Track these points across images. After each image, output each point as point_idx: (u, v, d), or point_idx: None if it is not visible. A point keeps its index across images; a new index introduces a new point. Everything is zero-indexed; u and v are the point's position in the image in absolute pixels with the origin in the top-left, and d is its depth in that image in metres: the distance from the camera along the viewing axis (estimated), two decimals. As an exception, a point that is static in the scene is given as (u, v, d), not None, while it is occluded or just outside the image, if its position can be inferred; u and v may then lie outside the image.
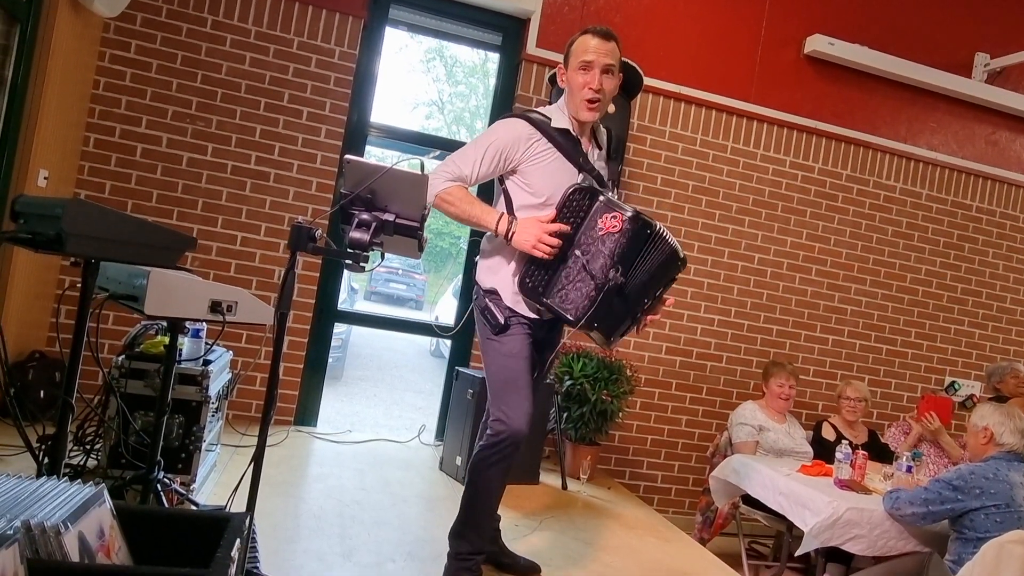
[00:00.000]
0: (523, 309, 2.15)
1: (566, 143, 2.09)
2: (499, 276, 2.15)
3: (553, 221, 1.99)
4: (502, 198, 2.16)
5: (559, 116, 2.12)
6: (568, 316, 1.99)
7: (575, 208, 2.00)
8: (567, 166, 2.09)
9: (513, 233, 2.00)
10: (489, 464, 2.08)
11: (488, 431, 2.10)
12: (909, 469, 3.06)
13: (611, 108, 2.20)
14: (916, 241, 4.66)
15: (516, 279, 2.08)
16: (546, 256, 1.97)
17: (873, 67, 4.39)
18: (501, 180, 2.15)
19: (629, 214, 1.95)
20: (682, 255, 2.08)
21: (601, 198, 1.99)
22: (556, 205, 2.02)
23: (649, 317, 2.13)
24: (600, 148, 2.23)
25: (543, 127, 2.08)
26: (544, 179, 2.08)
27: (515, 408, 2.05)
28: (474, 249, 3.10)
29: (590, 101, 2.05)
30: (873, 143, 4.54)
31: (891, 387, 4.65)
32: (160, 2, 3.49)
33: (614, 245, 1.94)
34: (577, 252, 1.98)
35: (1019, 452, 2.66)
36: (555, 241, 1.96)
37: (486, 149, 2.05)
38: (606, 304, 1.98)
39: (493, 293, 2.16)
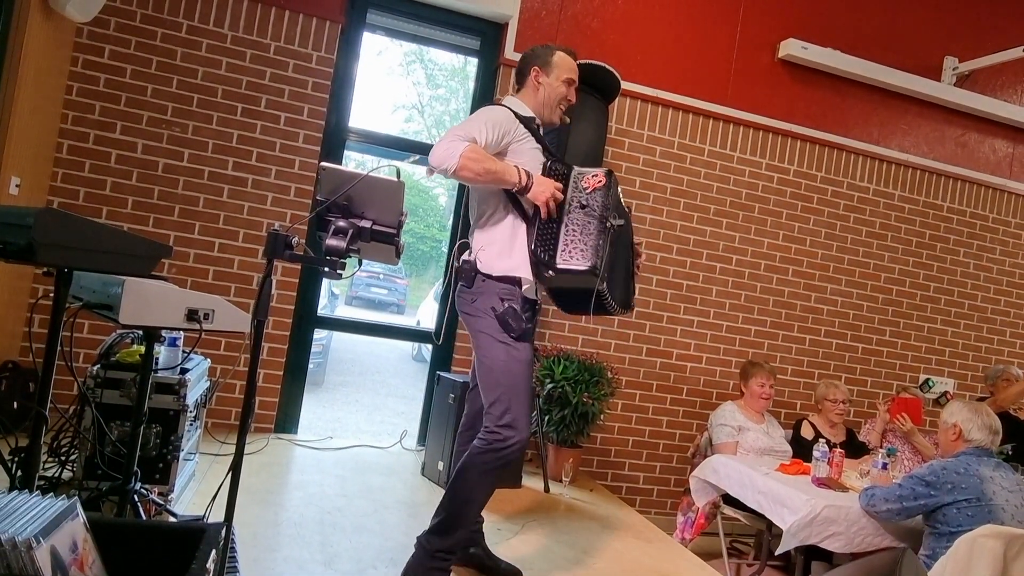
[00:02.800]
0: (531, 290, 2.20)
1: (533, 130, 2.26)
2: (512, 258, 2.15)
3: None
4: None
5: (522, 108, 2.29)
6: (582, 268, 2.02)
7: (555, 177, 2.16)
8: (539, 148, 2.25)
9: (531, 184, 2.08)
10: (489, 468, 2.08)
11: (493, 435, 2.06)
12: (884, 466, 3.10)
13: (566, 120, 2.43)
14: (889, 241, 4.75)
15: (529, 254, 2.12)
16: (552, 210, 2.07)
17: (846, 71, 4.46)
18: None
19: (606, 171, 2.15)
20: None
21: (575, 167, 2.21)
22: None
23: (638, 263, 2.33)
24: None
25: (520, 116, 2.23)
26: (529, 158, 2.20)
27: (523, 416, 2.08)
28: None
29: (563, 110, 2.33)
30: (846, 145, 4.61)
31: (867, 385, 4.72)
32: (134, 7, 3.46)
33: (604, 197, 2.09)
34: (575, 206, 2.11)
35: (988, 447, 2.72)
36: (561, 189, 2.10)
37: (485, 122, 2.11)
38: (611, 252, 2.07)
39: (507, 281, 2.14)
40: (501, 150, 2.16)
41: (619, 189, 2.20)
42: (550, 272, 2.08)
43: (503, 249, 2.17)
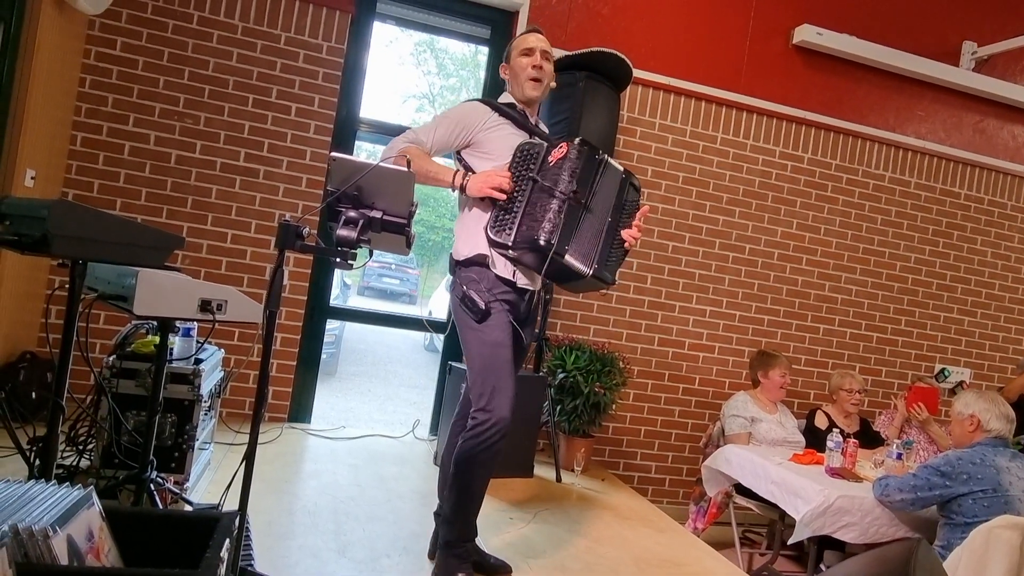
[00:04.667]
0: (503, 268, 2.17)
1: (516, 115, 2.27)
2: (474, 239, 2.17)
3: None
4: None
5: (506, 99, 2.34)
6: (539, 242, 1.99)
7: (527, 156, 2.14)
8: (521, 133, 2.25)
9: (467, 182, 2.11)
10: (475, 455, 2.08)
11: (471, 421, 2.09)
12: (899, 456, 3.08)
13: (553, 84, 2.36)
14: (905, 229, 4.69)
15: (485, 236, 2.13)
16: (501, 192, 2.07)
17: (861, 56, 4.40)
18: (460, 158, 2.26)
19: (578, 140, 2.10)
20: (629, 177, 2.23)
21: (547, 145, 2.18)
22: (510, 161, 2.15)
23: (627, 233, 2.18)
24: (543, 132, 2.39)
25: (495, 105, 2.26)
26: (502, 144, 2.20)
27: (498, 398, 2.07)
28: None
29: (534, 79, 2.26)
30: (862, 132, 4.55)
31: (882, 375, 4.69)
32: (145, -1, 3.47)
33: (569, 168, 2.06)
34: (529, 182, 2.09)
35: (1005, 437, 2.70)
36: (507, 176, 2.08)
37: (441, 120, 2.22)
38: (572, 220, 2.03)
39: (472, 263, 2.17)
40: (465, 144, 2.22)
41: (596, 156, 2.13)
42: (511, 252, 2.09)
43: (468, 235, 2.20)
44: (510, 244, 2.06)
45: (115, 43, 3.45)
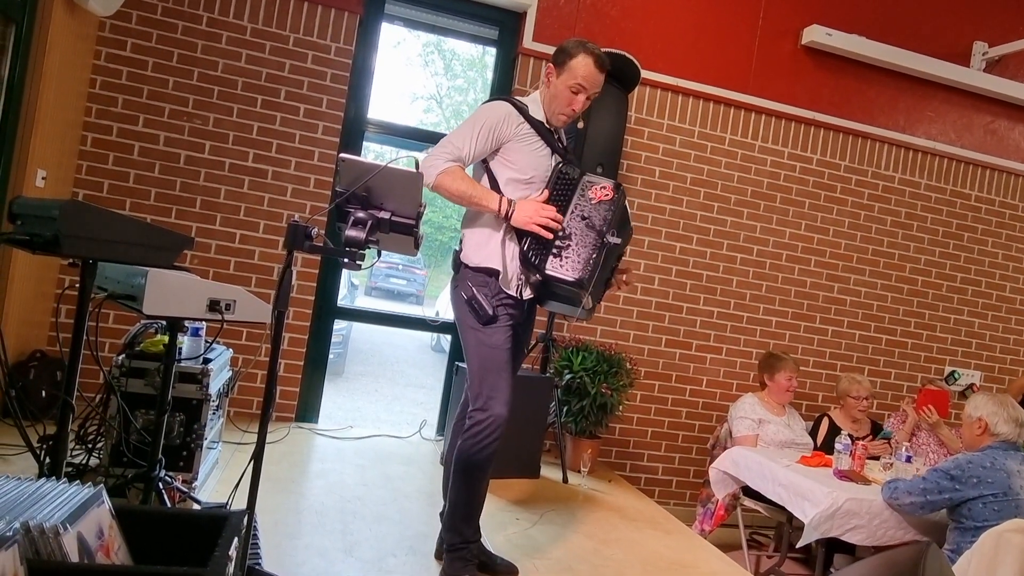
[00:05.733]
0: (512, 286, 2.19)
1: (542, 130, 2.25)
2: (488, 249, 2.19)
3: (546, 202, 2.13)
4: (485, 177, 2.24)
5: (536, 108, 2.27)
6: (569, 278, 2.03)
7: (564, 182, 2.16)
8: (546, 149, 2.25)
9: (512, 212, 2.10)
10: (473, 454, 2.10)
11: (469, 421, 2.12)
12: (908, 459, 3.07)
13: (579, 124, 2.42)
14: (915, 231, 4.66)
15: (518, 252, 2.15)
16: (544, 231, 2.08)
17: (871, 57, 4.37)
18: (484, 160, 2.24)
19: (614, 184, 2.14)
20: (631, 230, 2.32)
21: (587, 174, 2.20)
22: (547, 183, 2.17)
23: (619, 279, 2.27)
24: (562, 144, 2.39)
25: (524, 112, 2.22)
26: (527, 157, 2.21)
27: (496, 397, 2.10)
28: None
29: (567, 116, 2.25)
30: (871, 133, 4.53)
31: (891, 377, 4.66)
32: (155, 0, 3.49)
33: (608, 212, 2.09)
34: (577, 217, 2.11)
35: (1014, 441, 2.67)
36: (552, 213, 2.08)
37: (479, 128, 2.16)
38: (600, 262, 2.07)
39: (482, 271, 2.18)
40: (495, 150, 2.20)
41: (626, 204, 2.19)
42: (537, 276, 2.11)
43: (481, 242, 2.20)
44: (544, 269, 2.08)
45: (125, 44, 3.47)
